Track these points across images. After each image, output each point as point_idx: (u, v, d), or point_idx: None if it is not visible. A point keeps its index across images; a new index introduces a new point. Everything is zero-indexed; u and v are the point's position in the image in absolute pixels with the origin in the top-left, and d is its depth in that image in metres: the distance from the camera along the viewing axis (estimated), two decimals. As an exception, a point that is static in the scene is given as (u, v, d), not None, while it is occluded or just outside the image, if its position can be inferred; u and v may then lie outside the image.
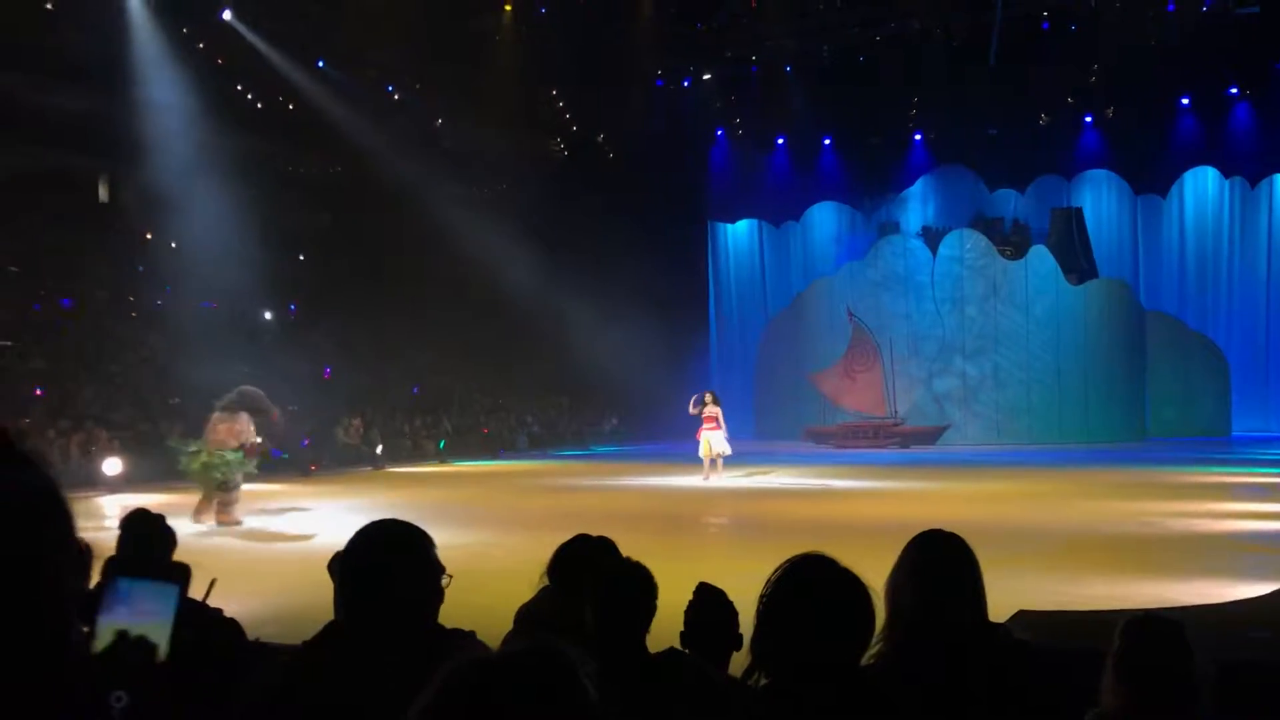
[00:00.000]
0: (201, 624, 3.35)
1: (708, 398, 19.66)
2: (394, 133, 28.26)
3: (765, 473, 20.85)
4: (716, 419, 19.45)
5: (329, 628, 2.40)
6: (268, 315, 29.79)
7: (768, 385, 33.17)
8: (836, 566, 2.16)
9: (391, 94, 30.91)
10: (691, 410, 19.88)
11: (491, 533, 12.41)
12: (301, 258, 29.63)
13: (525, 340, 28.68)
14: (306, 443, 23.62)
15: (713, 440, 19.29)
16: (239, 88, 27.88)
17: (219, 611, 3.55)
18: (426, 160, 28.84)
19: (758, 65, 32.28)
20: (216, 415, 13.89)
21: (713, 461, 19.23)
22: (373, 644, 2.31)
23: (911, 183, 34.50)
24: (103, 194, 29.31)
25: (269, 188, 26.05)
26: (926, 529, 2.88)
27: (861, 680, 2.10)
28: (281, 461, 22.58)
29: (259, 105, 28.45)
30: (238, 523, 13.44)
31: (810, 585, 2.14)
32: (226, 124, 25.71)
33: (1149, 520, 12.82)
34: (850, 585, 2.14)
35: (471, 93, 29.78)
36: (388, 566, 2.38)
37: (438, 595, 2.44)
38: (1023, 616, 6.02)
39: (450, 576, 2.47)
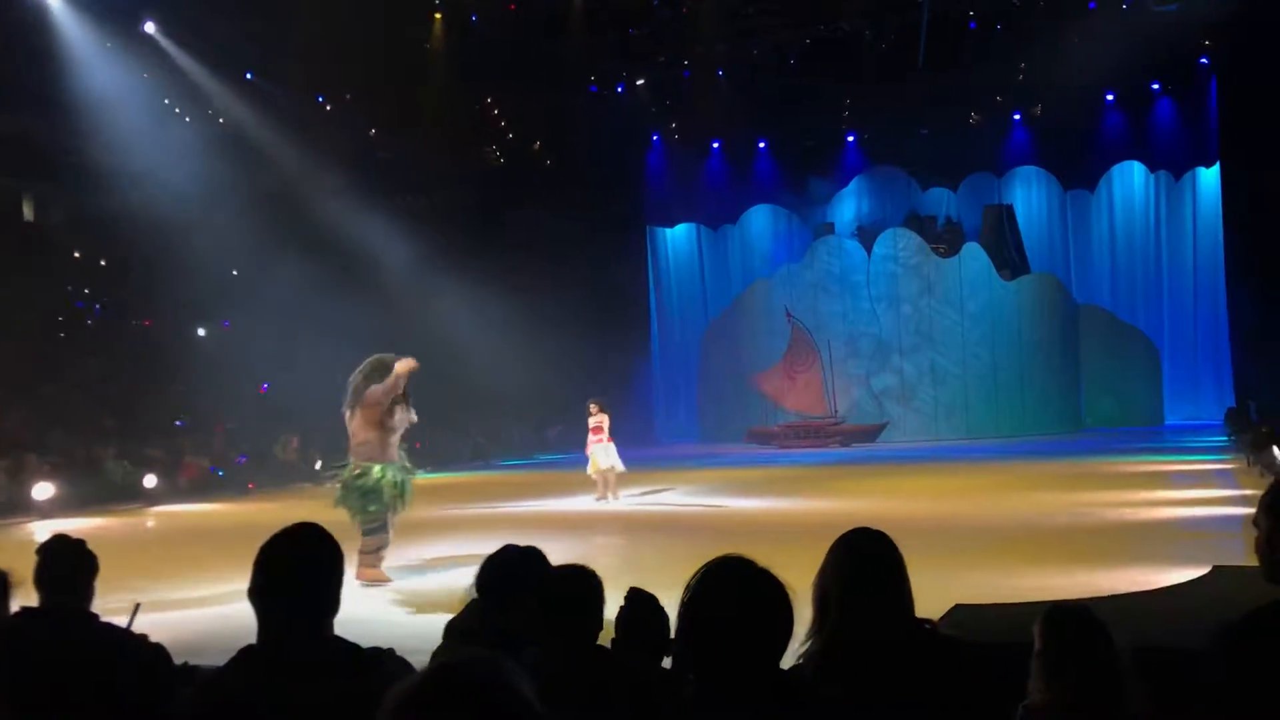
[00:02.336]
0: (124, 650, 3.29)
1: (592, 407, 17.46)
2: (327, 144, 27.96)
3: (661, 489, 18.64)
4: (603, 429, 17.21)
5: (245, 651, 2.37)
6: (202, 332, 29.34)
7: (710, 388, 33.31)
8: (753, 567, 2.18)
9: (323, 105, 30.58)
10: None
11: (422, 546, 12.33)
12: (235, 272, 29.21)
13: (465, 349, 28.48)
14: (244, 460, 23.30)
15: (598, 455, 17.07)
16: (166, 101, 27.43)
17: (144, 637, 3.48)
18: (361, 171, 28.56)
19: (690, 70, 32.38)
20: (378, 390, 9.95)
21: (606, 478, 16.94)
22: (289, 660, 2.29)
23: (845, 183, 34.83)
24: (28, 213, 28.69)
25: (200, 202, 25.65)
26: (853, 527, 2.90)
27: (785, 680, 2.11)
28: (218, 480, 22.28)
29: (187, 119, 27.99)
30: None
31: (727, 587, 2.15)
32: (154, 139, 25.28)
33: (1085, 510, 13.04)
34: (767, 585, 2.15)
35: (405, 102, 29.55)
36: (305, 558, 2.46)
37: (338, 592, 2.51)
38: (960, 611, 6.07)
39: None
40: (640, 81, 32.94)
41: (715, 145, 35.85)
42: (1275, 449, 15.61)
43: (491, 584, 3.22)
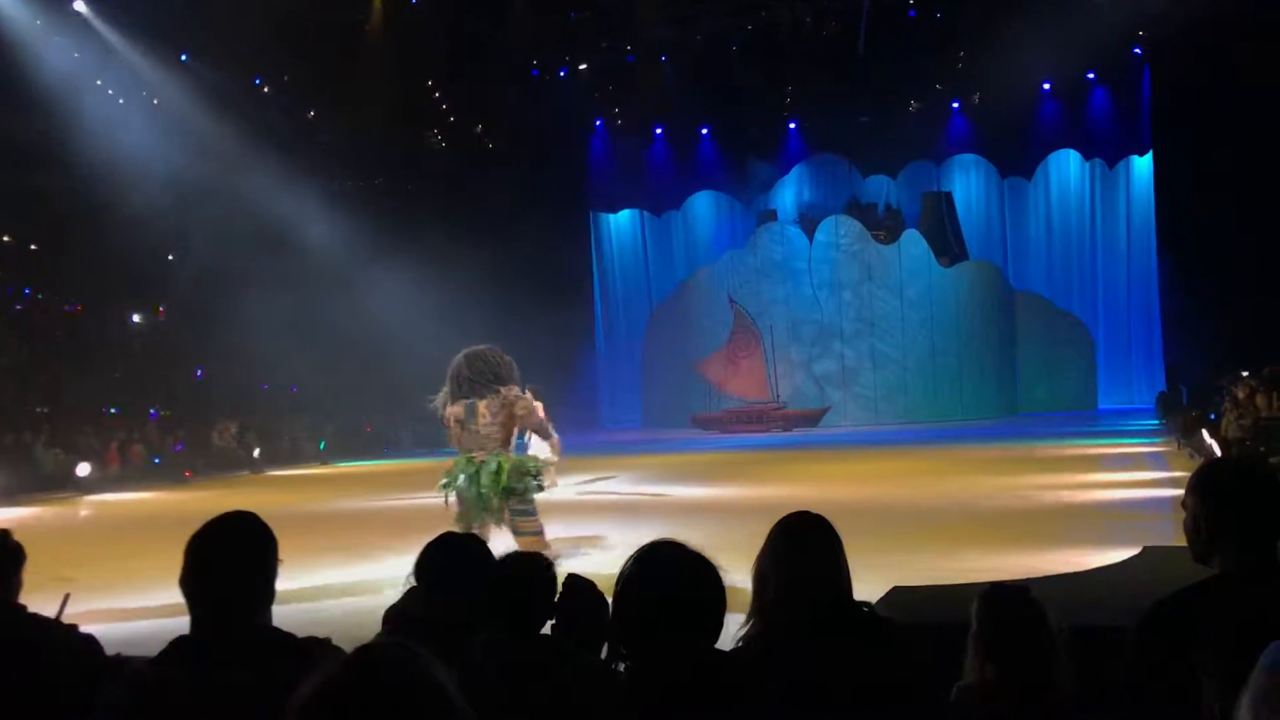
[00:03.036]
0: (53, 640, 3.22)
1: (528, 393, 16.77)
2: (264, 127, 27.53)
3: (605, 475, 18.02)
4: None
5: (177, 641, 2.34)
6: (136, 318, 28.82)
7: (654, 374, 33.38)
8: (685, 549, 2.19)
9: (260, 87, 30.11)
10: None
11: (364, 534, 12.23)
12: (170, 258, 28.71)
13: (405, 334, 28.25)
14: (180, 448, 22.93)
15: (535, 444, 15.63)
16: (98, 82, 26.83)
17: (74, 628, 3.41)
18: (299, 155, 28.17)
19: (633, 55, 32.33)
20: (511, 396, 9.55)
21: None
22: (221, 650, 2.26)
23: (787, 170, 35.00)
24: (-48, 195, 27.94)
25: (134, 186, 25.13)
26: (793, 510, 2.92)
27: (719, 661, 2.11)
28: (154, 468, 21.92)
29: (120, 101, 27.41)
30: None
31: (659, 570, 2.16)
32: (87, 120, 24.74)
33: (1021, 493, 13.24)
34: (699, 567, 2.16)
35: (344, 85, 29.16)
36: (236, 547, 2.44)
37: (271, 582, 2.47)
38: (898, 592, 6.14)
39: (282, 560, 2.50)
40: (583, 66, 32.83)
41: (658, 131, 35.84)
42: (1204, 432, 15.96)
43: (431, 571, 3.19)
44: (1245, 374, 19.99)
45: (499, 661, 2.80)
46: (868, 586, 2.88)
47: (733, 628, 2.48)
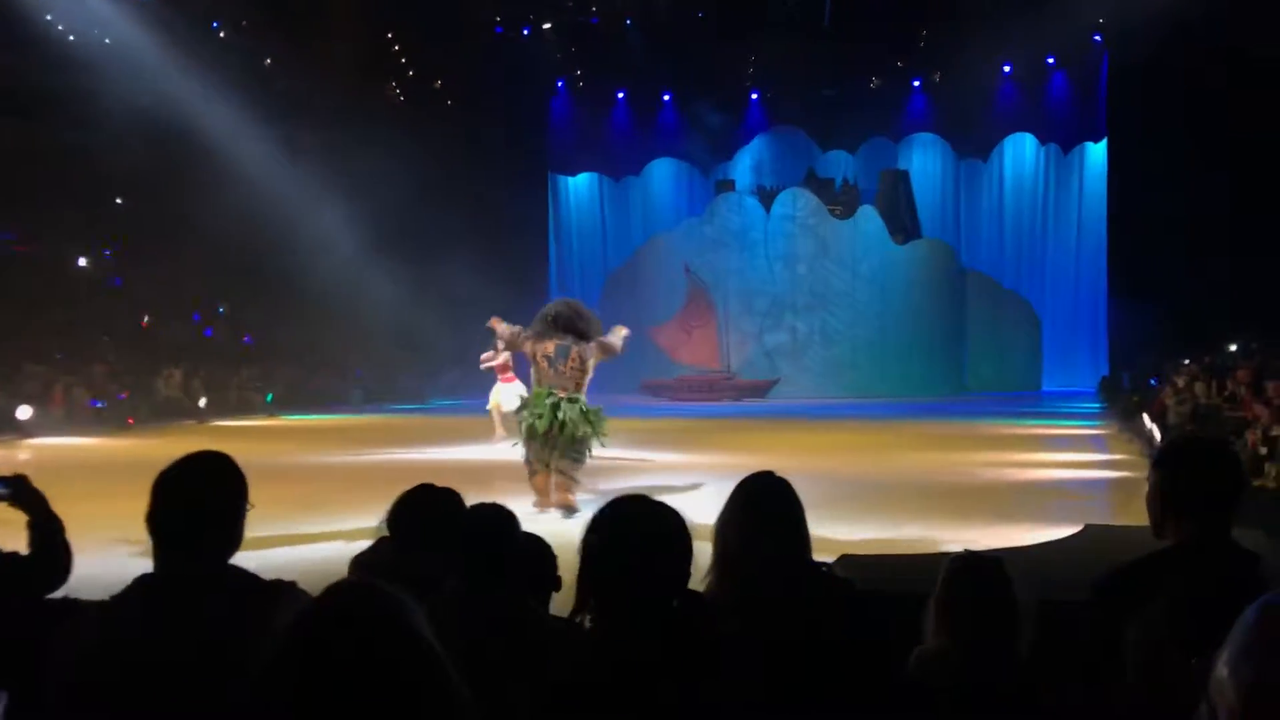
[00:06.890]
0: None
1: (499, 344, 14.28)
2: (220, 73, 26.99)
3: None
4: (510, 368, 15.91)
5: (140, 580, 2.33)
6: (82, 262, 28.29)
7: (606, 339, 33.34)
8: (650, 503, 2.22)
9: (217, 32, 29.53)
10: (483, 365, 16.18)
11: (319, 487, 12.19)
12: (119, 201, 28.18)
13: (356, 291, 28.02)
14: (124, 395, 22.62)
15: (503, 396, 15.71)
16: (49, 17, 26.16)
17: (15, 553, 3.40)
18: (254, 104, 27.68)
19: (597, 17, 32.09)
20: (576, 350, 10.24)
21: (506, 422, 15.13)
22: (185, 589, 2.26)
23: (747, 141, 35.00)
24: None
25: (84, 128, 24.58)
26: (755, 471, 2.98)
27: (682, 616, 2.14)
28: (97, 414, 21.62)
29: (70, 38, 26.76)
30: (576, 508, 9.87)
31: (625, 523, 2.19)
32: (36, 60, 24.14)
33: (964, 470, 13.46)
34: (665, 518, 2.19)
35: (303, 34, 28.67)
36: (206, 486, 2.42)
37: (239, 524, 2.47)
38: (846, 560, 6.26)
39: (252, 505, 2.50)
40: (546, 25, 32.53)
41: (620, 95, 35.65)
42: (1145, 417, 16.29)
43: (404, 523, 3.18)
44: (1186, 362, 20.43)
45: (459, 615, 2.82)
46: (817, 554, 2.93)
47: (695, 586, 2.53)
